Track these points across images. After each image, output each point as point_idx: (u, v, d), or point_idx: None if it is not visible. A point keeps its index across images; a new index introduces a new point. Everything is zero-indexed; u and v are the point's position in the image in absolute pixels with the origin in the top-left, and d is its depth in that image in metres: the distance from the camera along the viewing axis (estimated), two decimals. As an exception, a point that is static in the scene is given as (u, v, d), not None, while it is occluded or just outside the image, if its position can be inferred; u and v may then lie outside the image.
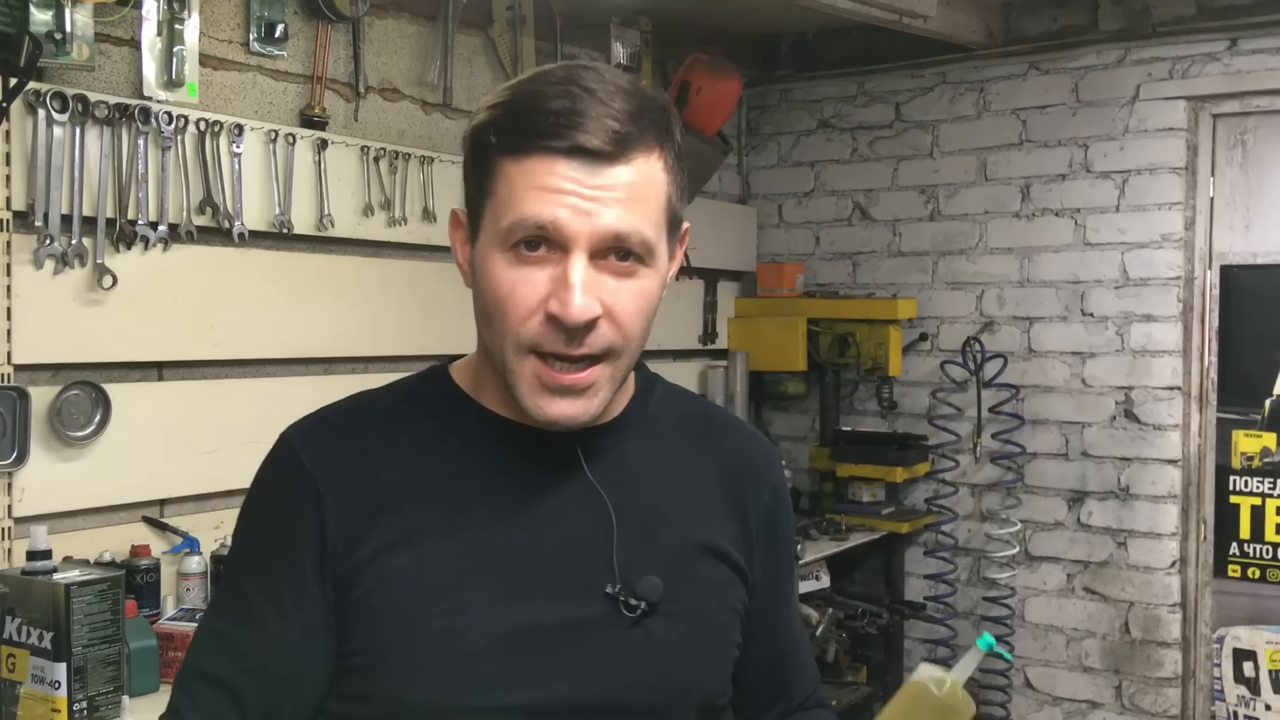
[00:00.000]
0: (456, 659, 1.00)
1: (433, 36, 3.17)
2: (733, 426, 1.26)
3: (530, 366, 1.00)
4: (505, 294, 0.99)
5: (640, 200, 0.99)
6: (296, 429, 1.09)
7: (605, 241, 0.98)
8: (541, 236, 0.98)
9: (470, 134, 1.04)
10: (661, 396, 1.18)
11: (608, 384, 1.03)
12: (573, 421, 1.02)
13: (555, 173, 0.97)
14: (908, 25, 3.47)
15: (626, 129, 0.98)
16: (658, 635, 1.05)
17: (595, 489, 1.07)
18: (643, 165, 1.00)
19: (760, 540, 1.17)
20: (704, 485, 1.15)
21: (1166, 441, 3.63)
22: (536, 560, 1.04)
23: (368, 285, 2.95)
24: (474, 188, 1.04)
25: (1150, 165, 3.64)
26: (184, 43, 2.52)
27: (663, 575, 1.06)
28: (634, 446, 1.12)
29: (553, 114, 0.97)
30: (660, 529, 1.09)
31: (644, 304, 1.02)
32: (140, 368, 2.55)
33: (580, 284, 0.97)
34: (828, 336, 4.08)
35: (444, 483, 1.05)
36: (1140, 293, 3.67)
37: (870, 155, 4.18)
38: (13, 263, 2.27)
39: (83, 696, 2.00)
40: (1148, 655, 3.67)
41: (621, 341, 1.01)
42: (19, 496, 2.29)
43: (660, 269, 1.04)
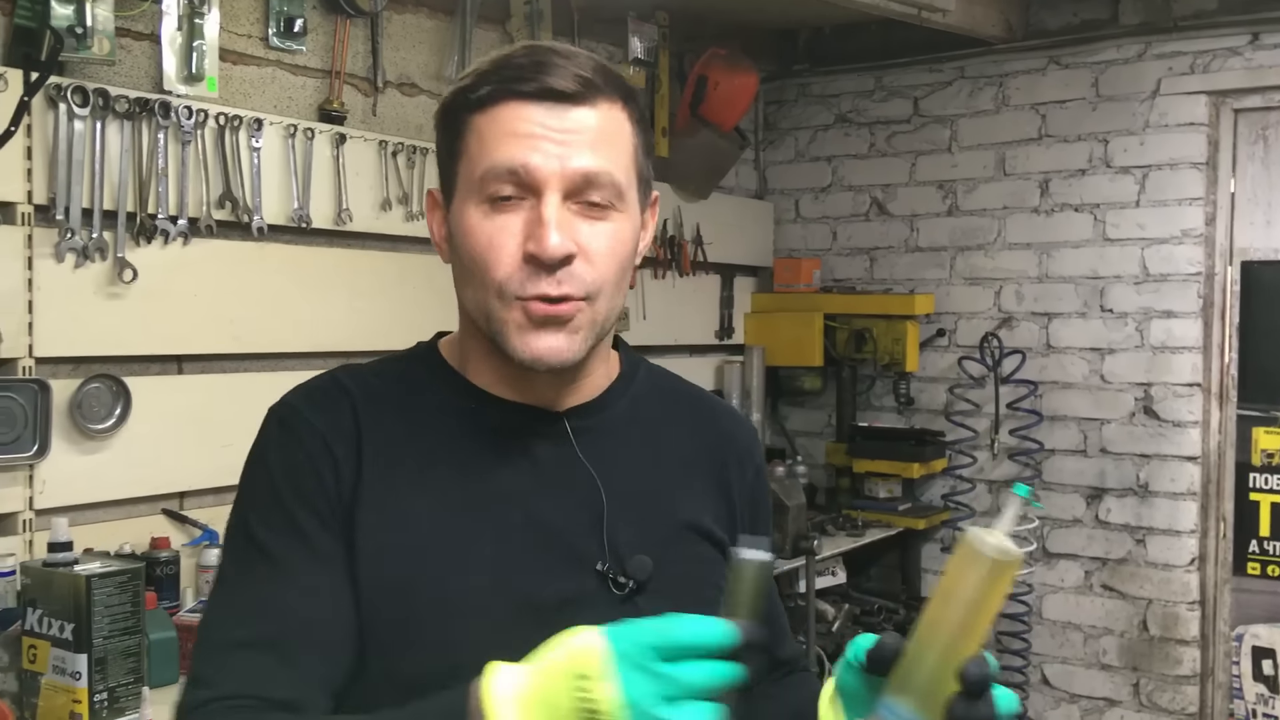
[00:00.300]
0: (454, 635, 1.01)
1: (451, 31, 3.18)
2: (716, 407, 1.27)
3: (517, 309, 1.02)
4: (484, 244, 1.01)
5: (608, 143, 1.03)
6: (290, 396, 1.09)
7: (576, 182, 1.01)
8: (514, 182, 1.00)
9: (441, 106, 1.08)
10: (645, 376, 1.20)
11: (588, 326, 1.04)
12: (557, 355, 1.02)
13: (524, 118, 1.00)
14: (927, 19, 3.45)
15: (591, 75, 1.02)
16: (645, 613, 1.02)
17: (585, 467, 1.08)
18: (608, 111, 1.03)
19: (744, 519, 1.18)
20: (689, 464, 1.17)
21: (1186, 438, 3.61)
22: (529, 538, 1.05)
23: (385, 279, 2.95)
24: (446, 155, 1.07)
25: (1171, 160, 3.62)
26: (204, 37, 2.53)
27: (650, 553, 1.07)
28: (621, 424, 1.13)
29: (519, 66, 1.02)
30: (648, 507, 1.11)
31: (618, 246, 1.04)
32: (160, 361, 2.56)
33: (554, 221, 0.99)
34: (845, 332, 4.07)
35: (437, 462, 1.06)
36: (1160, 288, 3.64)
37: (888, 150, 4.17)
38: (34, 256, 2.28)
39: (103, 688, 2.01)
40: (1166, 653, 3.65)
41: (598, 282, 1.02)
42: (40, 489, 2.30)
43: (632, 219, 1.06)
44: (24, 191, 2.27)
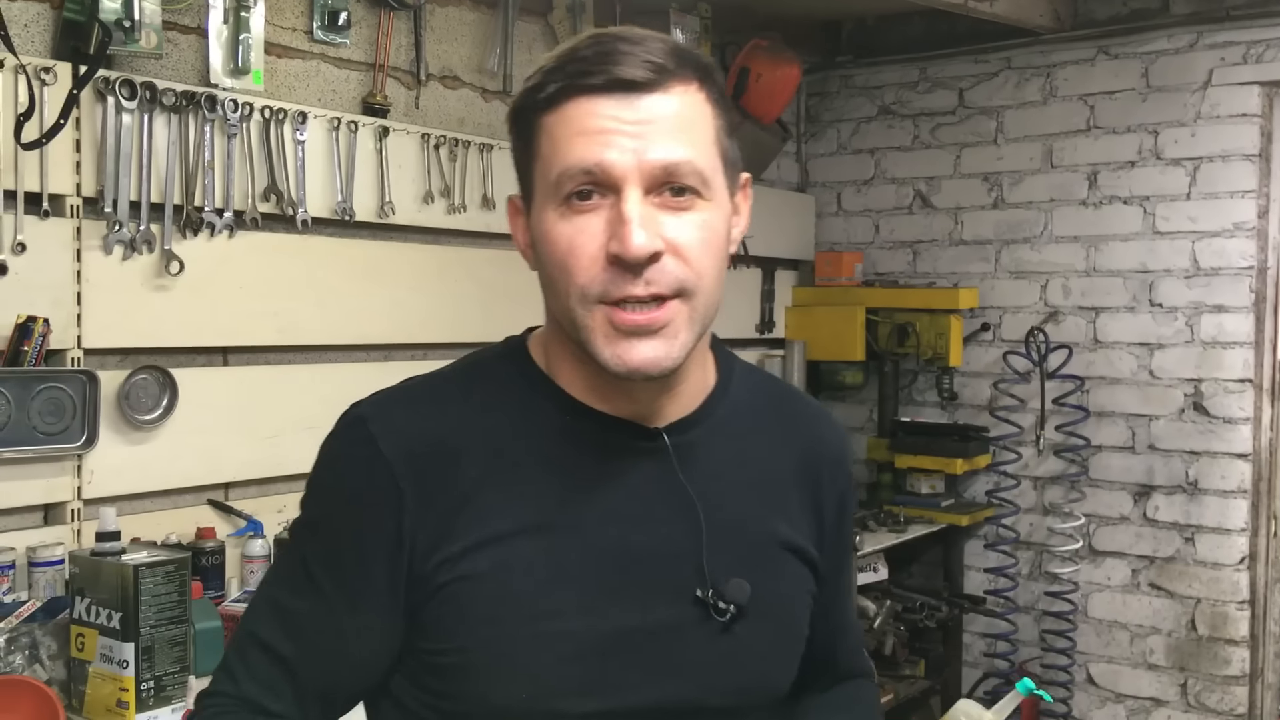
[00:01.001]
0: (549, 662, 0.99)
1: (493, 24, 3.17)
2: (809, 410, 1.22)
3: (601, 314, 0.96)
4: (565, 249, 0.96)
5: (687, 129, 0.97)
6: (372, 407, 1.04)
7: (656, 175, 0.95)
8: (591, 182, 0.95)
9: (512, 109, 1.03)
10: (740, 379, 1.14)
11: (686, 326, 0.98)
12: (655, 366, 0.96)
13: (595, 113, 0.95)
14: (974, 9, 3.41)
15: (662, 60, 0.96)
16: (744, 638, 1.04)
17: (684, 488, 1.04)
18: (684, 94, 0.97)
19: (831, 532, 1.16)
20: (783, 478, 1.13)
21: (1237, 435, 3.55)
22: (626, 562, 1.01)
23: (427, 272, 2.96)
24: (521, 158, 1.02)
25: (1223, 152, 3.55)
26: (250, 31, 2.54)
27: (748, 576, 1.04)
28: (718, 440, 1.08)
29: (585, 59, 0.96)
30: (745, 528, 1.07)
31: (709, 236, 0.98)
32: (206, 352, 2.58)
33: (636, 218, 0.94)
34: (887, 326, 4.03)
35: (530, 478, 1.01)
36: (1211, 283, 3.58)
37: (932, 142, 4.12)
38: (83, 248, 2.30)
39: (150, 676, 2.02)
40: (1215, 653, 3.59)
41: (693, 278, 0.96)
42: (88, 479, 2.33)
43: (721, 206, 1.00)
44: (73, 184, 2.29)
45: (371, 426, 1.02)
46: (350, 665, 1.03)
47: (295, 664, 1.02)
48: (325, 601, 1.02)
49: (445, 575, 0.99)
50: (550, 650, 0.99)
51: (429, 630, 1.00)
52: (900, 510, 3.83)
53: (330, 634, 1.02)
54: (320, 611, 1.02)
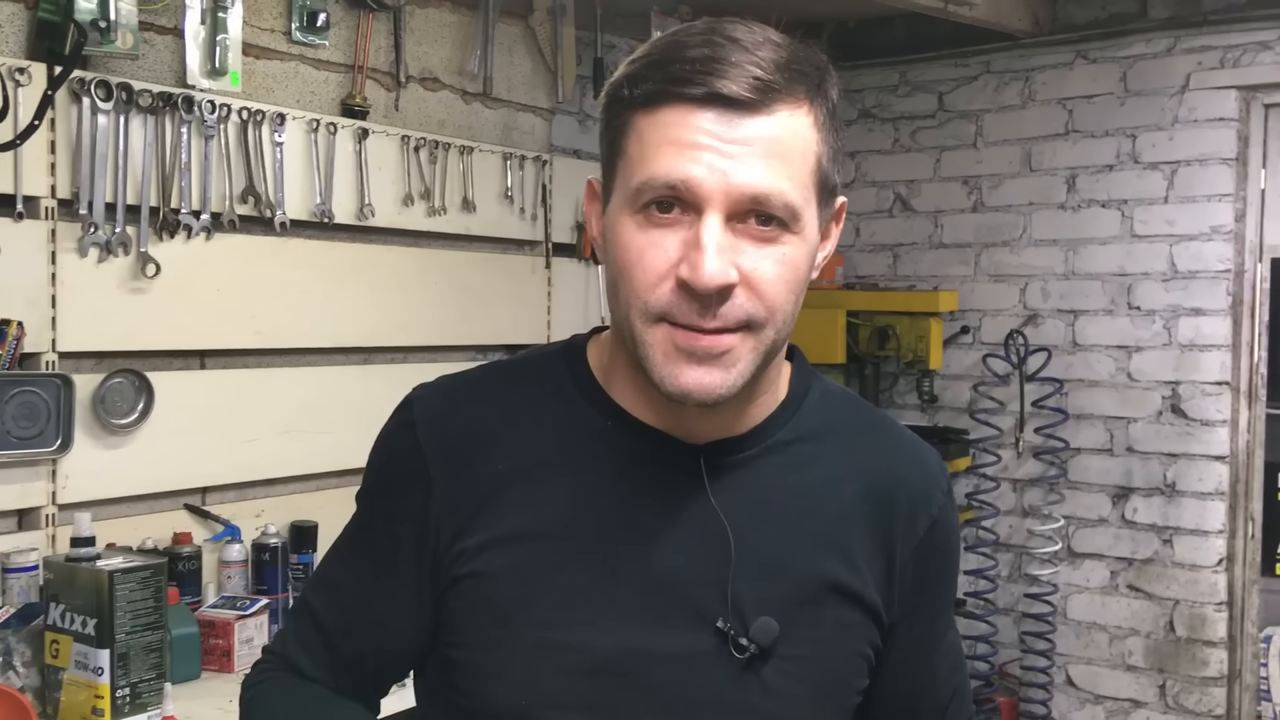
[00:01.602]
0: (551, 674, 0.96)
1: (473, 25, 3.16)
2: (900, 444, 1.10)
3: (662, 332, 0.91)
4: (634, 259, 0.91)
5: (784, 158, 0.90)
6: (424, 395, 1.05)
7: (743, 202, 0.89)
8: (674, 197, 0.90)
9: (605, 93, 0.97)
10: (816, 404, 1.06)
11: (749, 356, 0.92)
12: (708, 393, 0.91)
13: (689, 125, 0.89)
14: (954, 13, 3.42)
15: (771, 77, 0.89)
16: (768, 683, 0.97)
17: (716, 513, 0.98)
18: (788, 119, 0.91)
19: (906, 576, 1.04)
20: (846, 513, 1.03)
21: (1214, 437, 3.57)
22: (645, 582, 0.97)
23: (407, 275, 2.94)
24: (607, 149, 0.96)
25: (1200, 156, 3.57)
26: (227, 31, 2.53)
27: (782, 615, 0.97)
28: (769, 464, 1.01)
29: (690, 61, 0.89)
30: (785, 562, 0.99)
31: (789, 273, 0.92)
32: (183, 356, 2.56)
33: (714, 247, 0.88)
34: (867, 329, 4.04)
35: (558, 480, 0.99)
36: (1189, 286, 3.60)
37: (912, 145, 4.13)
38: (58, 251, 2.28)
39: (125, 683, 2.01)
40: (1193, 654, 3.61)
41: (764, 313, 0.91)
42: (63, 484, 2.30)
43: (809, 239, 0.94)
44: (48, 186, 2.27)
45: (415, 410, 1.03)
46: (380, 641, 1.04)
47: (331, 632, 1.05)
48: (361, 575, 1.05)
49: (462, 568, 0.99)
50: (553, 661, 0.96)
51: (445, 622, 1.01)
52: (881, 513, 3.84)
53: (364, 607, 1.04)
54: (357, 584, 1.05)
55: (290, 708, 1.05)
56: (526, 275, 3.14)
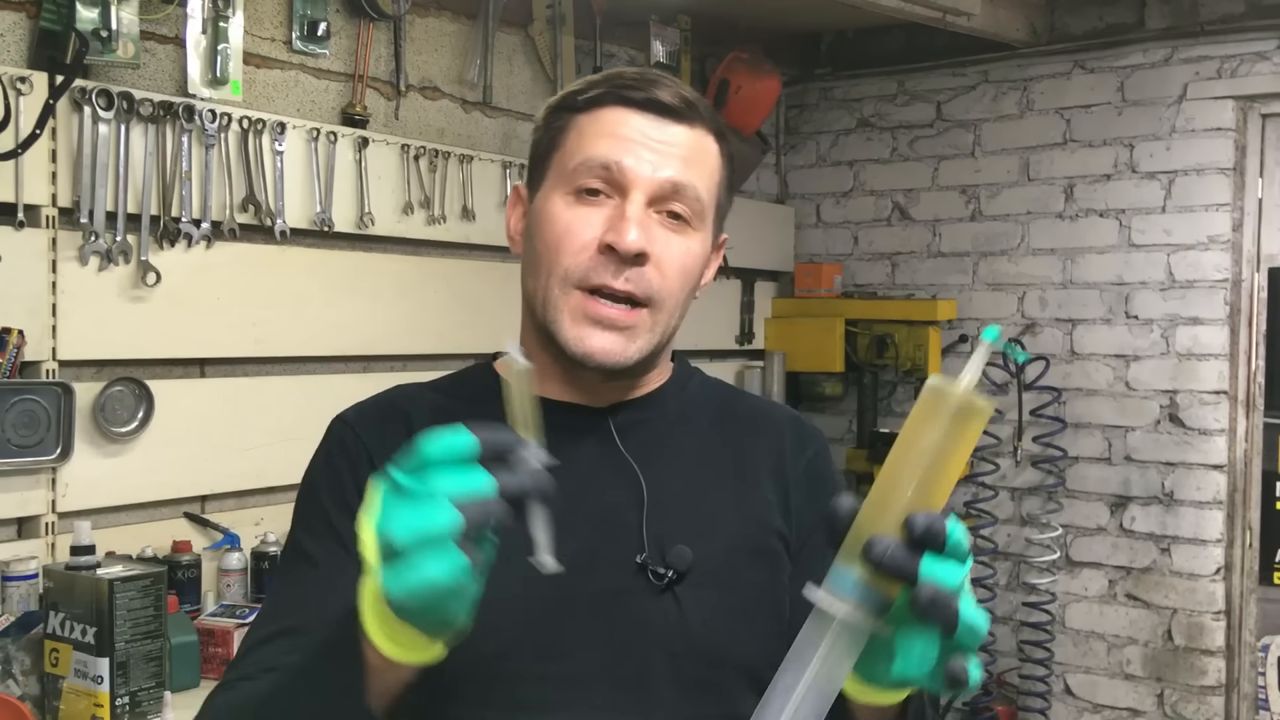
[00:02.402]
0: (498, 624, 1.00)
1: (473, 35, 3.17)
2: (768, 406, 1.27)
3: (576, 299, 1.04)
4: (562, 230, 1.05)
5: (698, 165, 1.07)
6: (350, 412, 1.15)
7: (663, 189, 1.05)
8: (605, 177, 1.05)
9: (546, 108, 1.13)
10: (699, 384, 1.20)
11: (647, 334, 1.06)
12: (608, 357, 1.04)
13: (626, 123, 1.06)
14: (951, 23, 3.43)
15: (693, 99, 1.08)
16: (687, 605, 1.06)
17: (627, 461, 1.09)
18: (703, 137, 1.09)
19: (800, 500, 1.16)
20: (740, 460, 1.15)
21: (1212, 446, 3.57)
22: (568, 531, 1.01)
23: (406, 283, 2.95)
24: (543, 149, 1.11)
25: (1197, 166, 3.58)
26: (228, 41, 2.54)
27: (695, 545, 1.07)
28: (665, 422, 1.14)
29: (631, 78, 1.08)
30: (693, 501, 1.11)
31: (688, 261, 1.07)
32: (183, 364, 2.56)
33: (637, 219, 1.04)
34: (866, 337, 4.05)
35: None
36: (1186, 295, 3.61)
37: (910, 155, 4.14)
38: (58, 259, 2.29)
39: (125, 692, 2.01)
40: (1191, 663, 3.61)
41: (663, 291, 1.06)
42: (63, 492, 2.31)
43: (705, 243, 1.10)
44: (48, 194, 2.27)
45: (345, 415, 1.14)
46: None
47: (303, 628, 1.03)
48: (319, 567, 1.07)
49: None
50: (499, 613, 0.99)
51: None
52: (879, 521, 3.84)
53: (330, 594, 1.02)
54: (316, 579, 1.06)
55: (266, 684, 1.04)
56: (526, 284, 3.14)
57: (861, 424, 4.17)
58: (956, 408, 0.79)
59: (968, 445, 0.80)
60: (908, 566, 0.76)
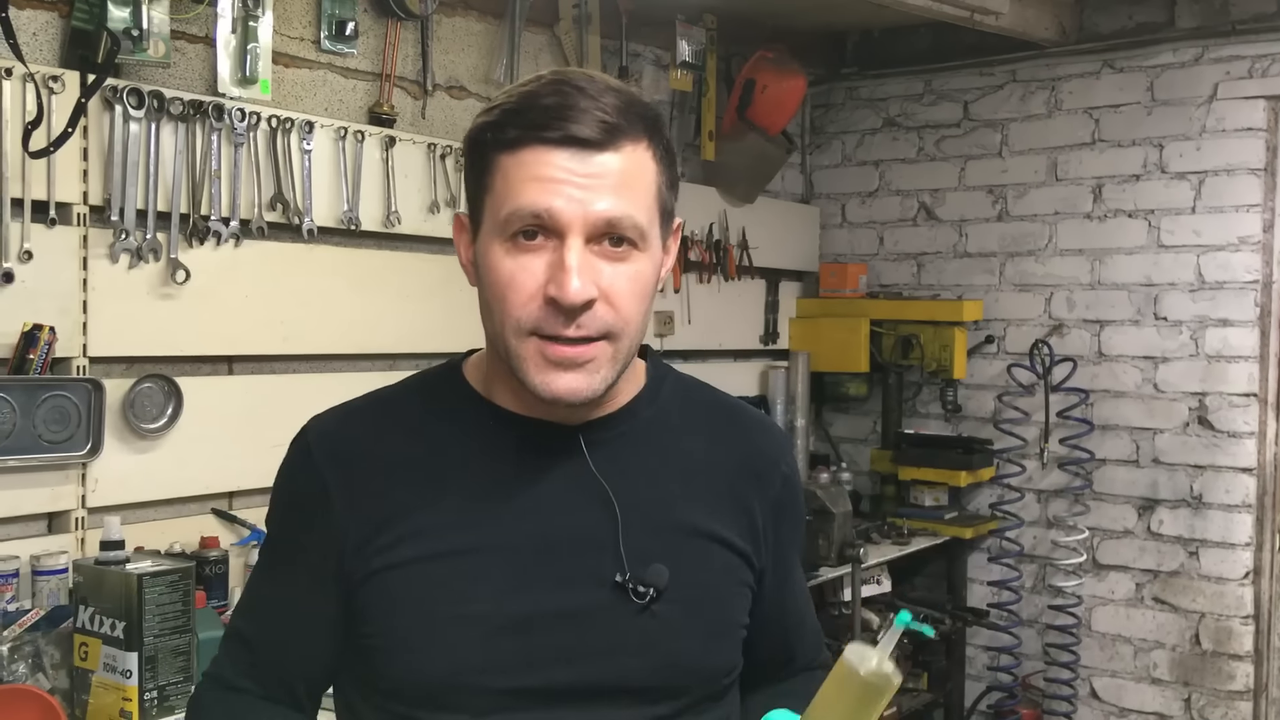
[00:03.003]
0: (470, 641, 1.05)
1: (499, 34, 3.18)
2: (744, 416, 1.27)
3: (533, 345, 1.04)
4: (505, 281, 1.04)
5: (630, 187, 1.04)
6: (315, 421, 1.17)
7: (599, 227, 1.03)
8: (538, 225, 1.03)
9: (468, 138, 1.10)
10: (672, 388, 1.21)
11: (609, 363, 1.06)
12: (576, 395, 1.05)
13: (549, 163, 1.02)
14: (979, 22, 3.41)
15: (615, 120, 1.03)
16: (664, 619, 1.09)
17: (598, 480, 1.10)
18: (631, 153, 1.05)
19: (768, 527, 1.19)
20: (710, 474, 1.17)
21: (1242, 449, 3.54)
22: (544, 550, 1.08)
23: (432, 281, 2.95)
24: (474, 186, 1.09)
25: (1228, 166, 3.55)
26: (258, 40, 2.55)
27: (667, 561, 1.09)
28: (638, 438, 1.15)
29: (544, 109, 1.03)
30: (664, 516, 1.13)
31: (638, 287, 1.06)
32: (211, 361, 2.58)
33: (576, 267, 1.01)
34: (891, 338, 4.03)
35: (452, 475, 1.10)
36: (1216, 296, 3.58)
37: (937, 154, 4.12)
38: (89, 257, 2.30)
39: (153, 686, 2.02)
40: (1219, 668, 3.58)
41: (620, 323, 1.05)
42: (93, 487, 2.33)
43: (653, 255, 1.09)
44: (80, 192, 2.29)
45: (309, 437, 1.15)
46: (305, 651, 1.14)
47: (260, 649, 1.16)
48: (278, 592, 1.16)
49: (375, 564, 1.08)
50: (471, 630, 1.06)
51: (359, 616, 1.09)
52: (904, 522, 3.83)
53: (285, 621, 1.15)
54: (276, 601, 1.17)
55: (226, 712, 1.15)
56: (551, 283, 3.15)
57: (886, 424, 4.15)
58: (867, 681, 0.89)
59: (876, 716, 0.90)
60: None
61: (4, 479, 2.21)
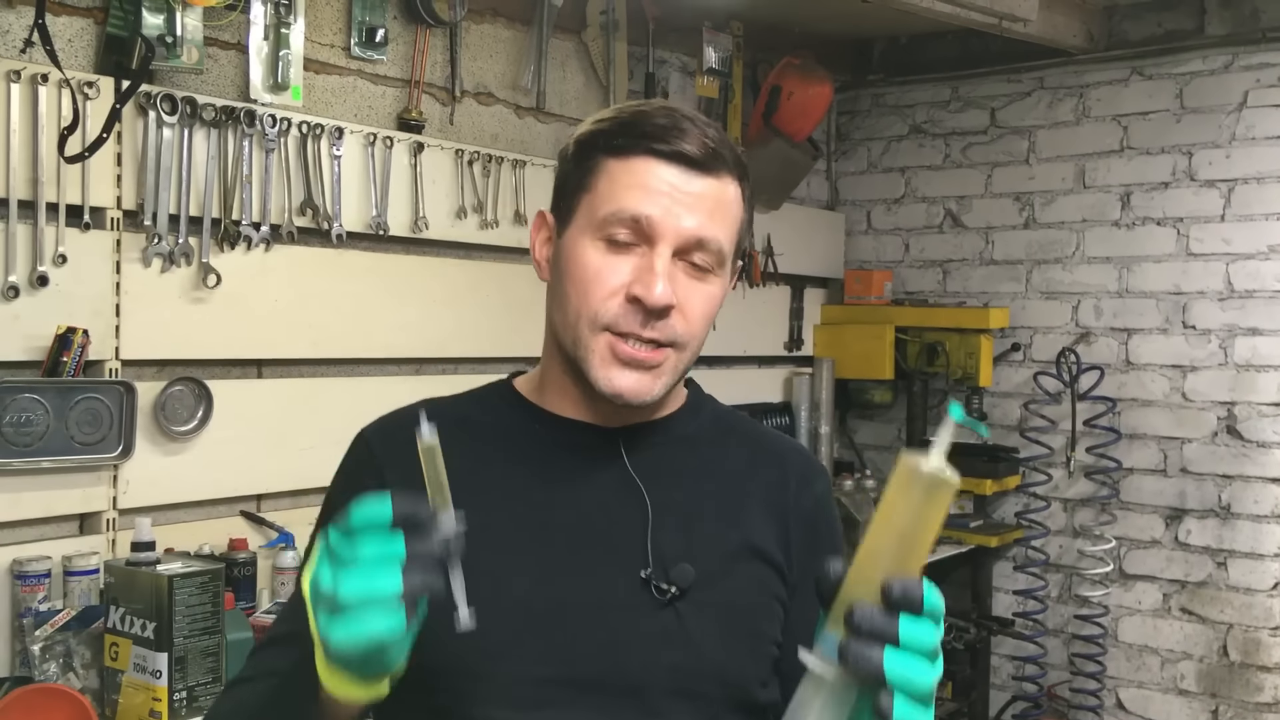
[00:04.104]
0: (501, 627, 1.06)
1: (527, 41, 3.19)
2: (780, 442, 1.30)
3: (604, 340, 1.09)
4: (591, 275, 1.09)
5: (721, 214, 1.11)
6: (371, 426, 1.22)
7: (689, 242, 1.09)
8: (634, 229, 1.09)
9: (578, 139, 1.15)
10: (711, 412, 1.26)
11: (670, 371, 1.12)
12: (637, 396, 1.10)
13: (655, 174, 1.09)
14: (1007, 29, 3.40)
15: (717, 149, 1.11)
16: (687, 620, 1.10)
17: (635, 482, 1.14)
18: (728, 184, 1.12)
19: (799, 540, 1.20)
20: (744, 489, 1.20)
21: (1271, 459, 3.51)
22: (575, 543, 1.12)
23: (459, 287, 2.97)
24: (573, 185, 1.14)
25: (1258, 174, 3.53)
26: (289, 47, 2.57)
27: (697, 565, 1.12)
28: (675, 448, 1.19)
29: (659, 126, 1.10)
30: (697, 523, 1.15)
31: (708, 307, 1.13)
32: (241, 365, 2.60)
33: (664, 273, 1.08)
34: (916, 345, 4.02)
35: (494, 473, 1.14)
36: (1245, 305, 3.55)
37: (963, 161, 4.11)
38: (122, 260, 2.33)
39: (182, 686, 2.04)
40: (1247, 679, 3.55)
41: (687, 335, 1.11)
42: (124, 489, 2.35)
43: (723, 282, 1.15)
44: (114, 197, 2.32)
45: (367, 434, 1.21)
46: None
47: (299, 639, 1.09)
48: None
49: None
50: (502, 616, 1.06)
51: None
52: (928, 530, 3.81)
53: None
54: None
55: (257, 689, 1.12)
56: (577, 288, 3.16)
57: (911, 432, 4.14)
58: (927, 482, 0.87)
59: (938, 516, 0.88)
60: (887, 629, 0.83)
61: (37, 480, 2.23)
